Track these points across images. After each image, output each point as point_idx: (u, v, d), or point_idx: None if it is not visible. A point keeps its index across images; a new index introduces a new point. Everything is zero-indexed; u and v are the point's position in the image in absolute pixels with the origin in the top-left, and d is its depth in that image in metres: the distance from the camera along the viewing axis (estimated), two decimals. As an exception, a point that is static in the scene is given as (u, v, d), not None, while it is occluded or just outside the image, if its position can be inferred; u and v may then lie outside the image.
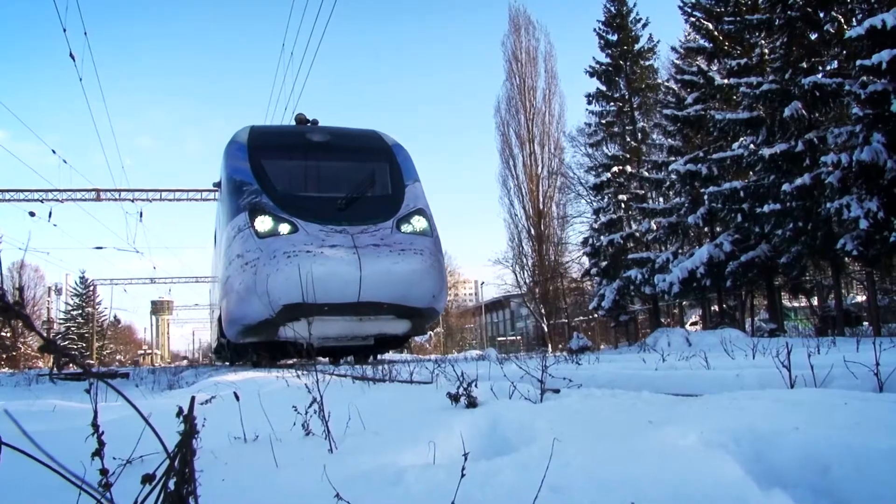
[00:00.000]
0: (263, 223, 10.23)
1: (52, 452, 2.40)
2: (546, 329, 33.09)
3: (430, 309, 10.87)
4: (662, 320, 25.15)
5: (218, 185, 14.44)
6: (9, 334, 45.40)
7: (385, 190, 11.75)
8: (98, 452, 0.96)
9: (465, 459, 1.41)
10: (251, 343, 12.24)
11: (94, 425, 0.99)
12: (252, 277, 9.82)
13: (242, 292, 10.13)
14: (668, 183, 21.74)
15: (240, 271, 10.21)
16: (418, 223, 11.10)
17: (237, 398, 2.70)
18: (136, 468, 1.79)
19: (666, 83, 23.65)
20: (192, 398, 1.04)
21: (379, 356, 15.07)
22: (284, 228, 10.13)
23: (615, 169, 23.95)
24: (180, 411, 1.00)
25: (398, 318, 10.66)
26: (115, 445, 1.78)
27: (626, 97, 25.47)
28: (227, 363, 26.24)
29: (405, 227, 10.84)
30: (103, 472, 0.95)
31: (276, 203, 10.53)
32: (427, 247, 10.60)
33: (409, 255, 10.21)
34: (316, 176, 11.71)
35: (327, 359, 15.72)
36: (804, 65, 15.28)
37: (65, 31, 13.17)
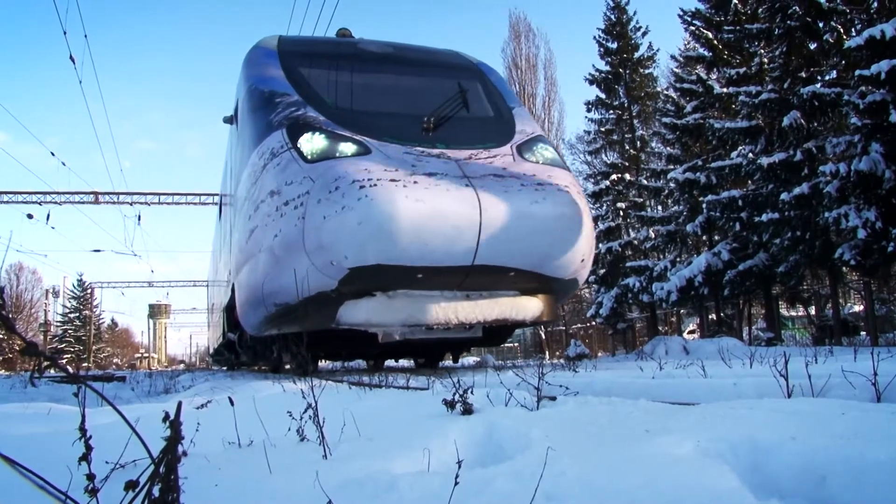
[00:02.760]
0: (313, 141, 6.77)
1: (44, 455, 2.38)
2: (543, 336, 33.08)
3: (573, 282, 7.36)
4: (660, 328, 25.14)
5: (230, 118, 10.93)
6: (4, 336, 45.30)
7: (485, 111, 8.40)
8: (85, 457, 0.95)
9: (459, 467, 1.40)
10: (283, 336, 8.45)
11: (82, 429, 0.98)
12: (297, 225, 6.20)
13: (280, 251, 6.54)
14: (666, 191, 21.77)
15: (274, 219, 6.56)
16: (547, 152, 7.71)
17: (232, 403, 2.68)
18: (129, 472, 1.77)
19: (665, 91, 23.68)
20: (179, 403, 1.03)
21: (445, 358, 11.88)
22: (348, 148, 6.64)
23: (614, 177, 23.96)
24: (167, 416, 0.98)
25: (524, 296, 7.08)
26: (109, 449, 1.77)
27: (626, 105, 25.50)
28: (225, 367, 26.03)
29: (532, 156, 7.38)
30: (90, 477, 0.94)
31: (328, 117, 7.14)
32: (572, 183, 7.01)
33: (552, 192, 6.55)
34: (380, 92, 8.18)
35: (393, 361, 13.01)
36: (803, 74, 15.33)
37: (65, 33, 13.18)
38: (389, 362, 13.93)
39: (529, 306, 7.15)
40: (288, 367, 11.38)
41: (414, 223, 5.88)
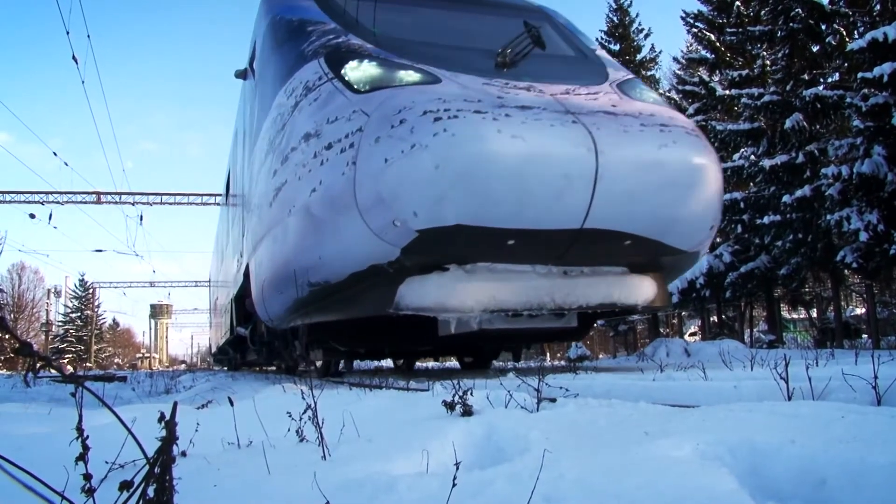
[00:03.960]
0: (363, 69, 5.37)
1: (44, 455, 2.38)
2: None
3: (694, 256, 5.81)
4: (661, 330, 25.11)
5: (243, 72, 9.51)
6: (7, 336, 45.36)
7: (565, 50, 7.05)
8: (82, 457, 0.95)
9: (457, 469, 1.40)
10: (312, 328, 7.14)
11: (79, 429, 0.98)
12: (345, 173, 4.70)
13: (319, 210, 5.04)
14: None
15: (311, 169, 5.11)
16: (654, 94, 6.48)
17: (231, 403, 2.68)
18: (128, 472, 1.77)
19: (667, 93, 23.70)
20: (175, 404, 1.03)
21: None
22: (409, 76, 5.24)
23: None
24: (162, 417, 0.98)
25: (634, 274, 5.52)
26: (109, 448, 1.77)
27: (628, 107, 25.47)
28: (226, 368, 26.00)
29: (639, 96, 5.94)
30: (86, 477, 0.94)
31: (378, 45, 5.77)
32: (695, 128, 5.41)
33: (680, 135, 5.03)
34: (437, 24, 6.69)
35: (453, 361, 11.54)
36: (806, 76, 15.33)
37: (68, 34, 13.19)
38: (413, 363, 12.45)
39: (641, 288, 5.50)
40: (311, 367, 9.86)
41: (510, 167, 4.34)
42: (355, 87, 5.16)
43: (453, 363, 17.14)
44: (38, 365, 0.85)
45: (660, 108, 5.62)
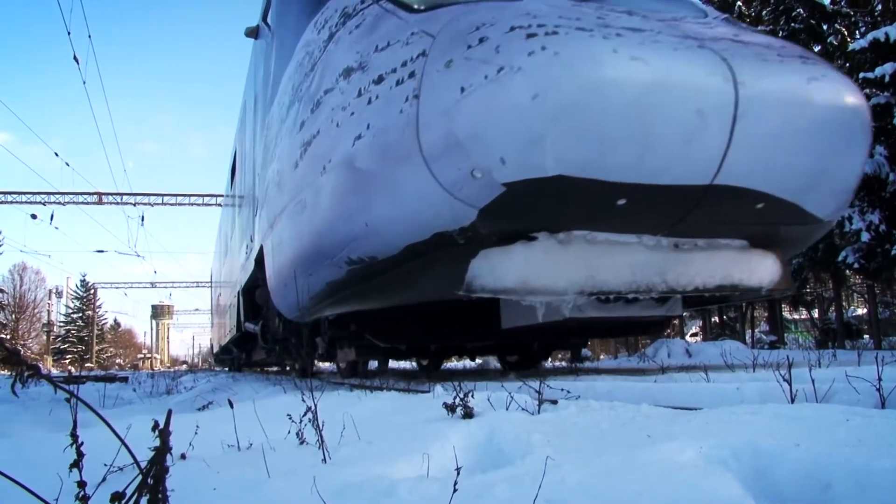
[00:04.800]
0: None
1: (42, 459, 2.37)
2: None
3: (827, 227, 4.78)
4: (662, 331, 25.06)
5: (254, 30, 8.72)
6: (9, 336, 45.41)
7: None
8: (76, 464, 0.93)
9: (458, 473, 1.38)
10: (340, 321, 6.41)
11: (73, 435, 0.96)
12: (404, 111, 3.75)
13: (367, 162, 4.05)
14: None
15: (354, 111, 4.18)
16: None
17: (231, 405, 2.67)
18: (128, 475, 1.76)
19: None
20: (169, 412, 1.02)
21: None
22: None
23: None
24: (155, 426, 0.97)
25: (756, 249, 4.43)
26: (110, 449, 1.76)
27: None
28: (227, 369, 25.94)
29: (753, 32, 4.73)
30: (80, 484, 0.92)
31: None
32: (832, 69, 4.13)
33: (824, 69, 3.92)
34: None
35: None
36: (807, 77, 15.31)
37: (69, 34, 13.21)
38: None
39: (765, 267, 4.38)
40: (334, 367, 9.02)
41: (631, 99, 3.28)
42: (412, 6, 4.13)
43: (462, 363, 16.85)
44: (27, 374, 0.84)
45: (779, 41, 4.38)
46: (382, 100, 3.87)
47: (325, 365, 15.32)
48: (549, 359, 9.38)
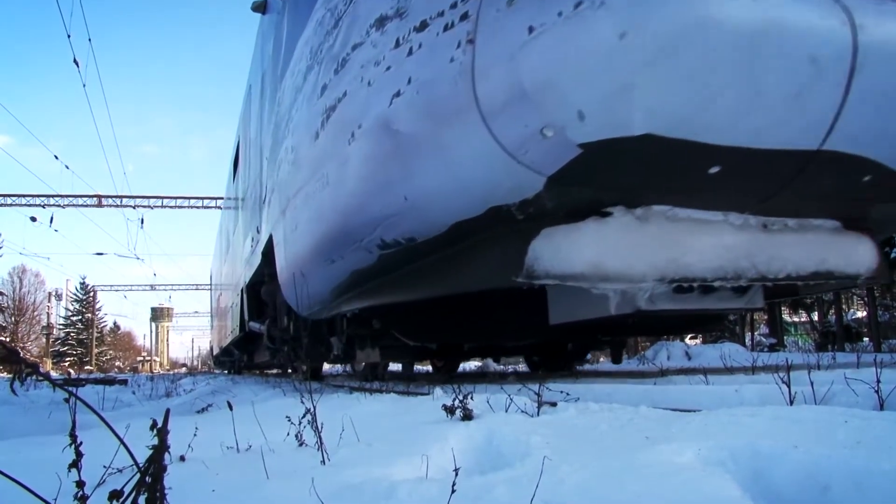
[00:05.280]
0: None
1: (42, 460, 2.37)
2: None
3: None
4: (662, 333, 25.08)
5: (263, 5, 8.37)
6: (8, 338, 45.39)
7: None
8: (74, 464, 0.94)
9: (457, 474, 1.39)
10: (366, 315, 5.70)
11: (72, 435, 0.97)
12: (456, 60, 2.98)
13: (408, 122, 3.32)
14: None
15: (392, 65, 3.47)
16: None
17: (230, 407, 2.67)
18: (127, 475, 1.76)
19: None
20: (167, 411, 1.02)
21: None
22: None
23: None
24: (154, 425, 0.97)
25: (851, 232, 3.80)
26: (109, 449, 1.76)
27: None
28: (227, 371, 25.87)
29: None
30: (79, 484, 0.93)
31: None
32: None
33: None
34: None
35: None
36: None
37: (69, 37, 13.23)
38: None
39: (860, 252, 3.81)
40: (357, 370, 8.00)
41: (734, 43, 2.69)
42: None
43: (474, 364, 16.81)
44: (25, 373, 0.84)
45: None
46: (427, 49, 3.24)
47: (337, 367, 14.46)
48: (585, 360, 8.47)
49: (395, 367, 13.95)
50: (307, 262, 5.05)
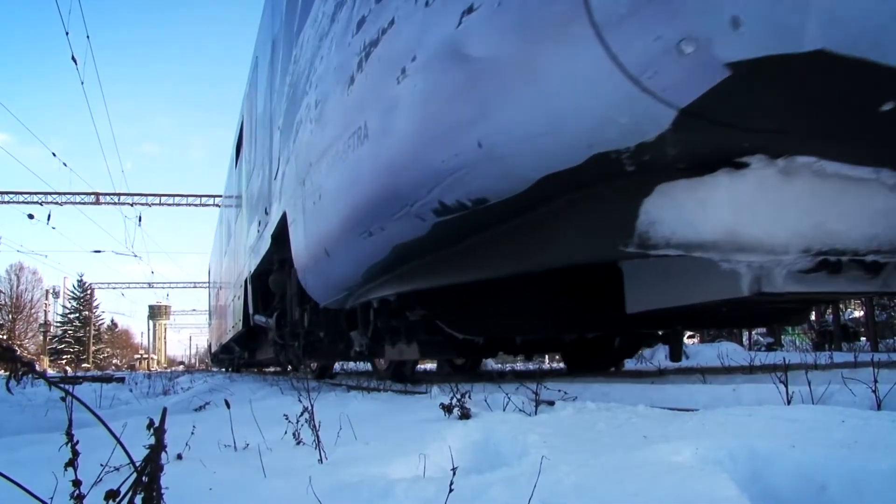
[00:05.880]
0: None
1: (39, 458, 2.36)
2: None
3: None
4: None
5: None
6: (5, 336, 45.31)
7: None
8: (71, 463, 0.93)
9: (454, 474, 1.39)
10: (401, 303, 4.85)
11: (68, 434, 0.96)
12: None
13: (486, 41, 2.51)
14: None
15: None
16: None
17: (228, 406, 2.67)
18: (125, 473, 1.76)
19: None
20: (164, 410, 1.02)
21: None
22: None
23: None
24: (150, 424, 0.96)
25: None
26: (107, 450, 1.75)
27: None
28: (224, 370, 25.82)
29: None
30: (75, 483, 0.92)
31: None
32: None
33: None
34: None
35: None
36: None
37: (67, 34, 13.19)
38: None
39: None
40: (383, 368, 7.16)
41: None
42: None
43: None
44: (21, 371, 0.84)
45: None
46: None
47: (348, 365, 13.57)
48: (633, 356, 7.75)
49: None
50: (334, 237, 4.29)
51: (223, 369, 26.19)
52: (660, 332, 6.20)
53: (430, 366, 13.29)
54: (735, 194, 2.45)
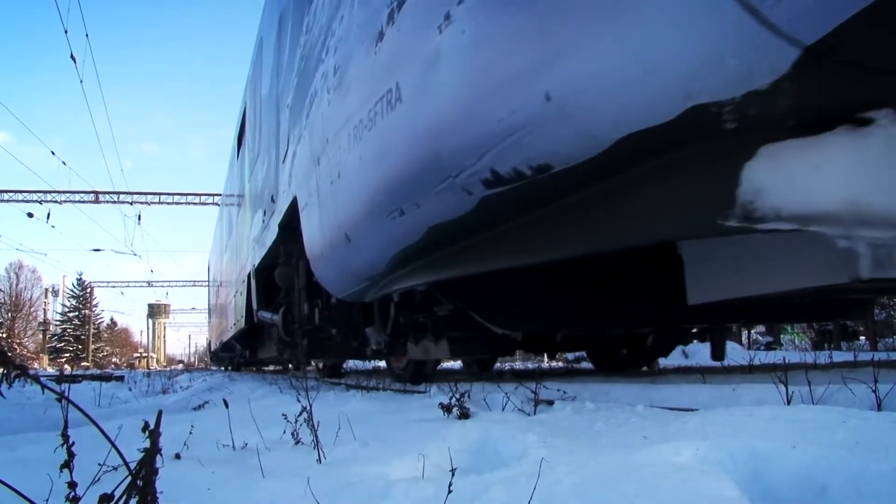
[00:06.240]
0: None
1: (38, 456, 2.35)
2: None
3: None
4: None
5: None
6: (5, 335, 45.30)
7: None
8: (67, 464, 0.93)
9: (454, 474, 1.38)
10: (428, 294, 4.43)
11: (64, 436, 0.96)
12: None
13: None
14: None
15: None
16: None
17: (226, 405, 2.66)
18: (122, 473, 1.75)
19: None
20: (159, 413, 1.01)
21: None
22: None
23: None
24: (146, 426, 0.96)
25: None
26: (104, 453, 1.75)
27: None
28: (224, 368, 25.83)
29: None
30: (71, 485, 0.92)
31: None
32: None
33: None
34: None
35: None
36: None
37: (66, 32, 13.17)
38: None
39: None
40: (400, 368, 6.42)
41: None
42: None
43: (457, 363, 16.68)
44: (14, 374, 0.83)
45: None
46: None
47: (357, 364, 12.74)
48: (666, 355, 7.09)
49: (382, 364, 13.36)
50: (355, 220, 3.82)
51: (222, 368, 26.18)
52: (695, 329, 5.72)
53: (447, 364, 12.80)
54: (857, 156, 2.04)
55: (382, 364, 12.23)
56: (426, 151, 2.86)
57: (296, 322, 6.79)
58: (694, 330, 5.73)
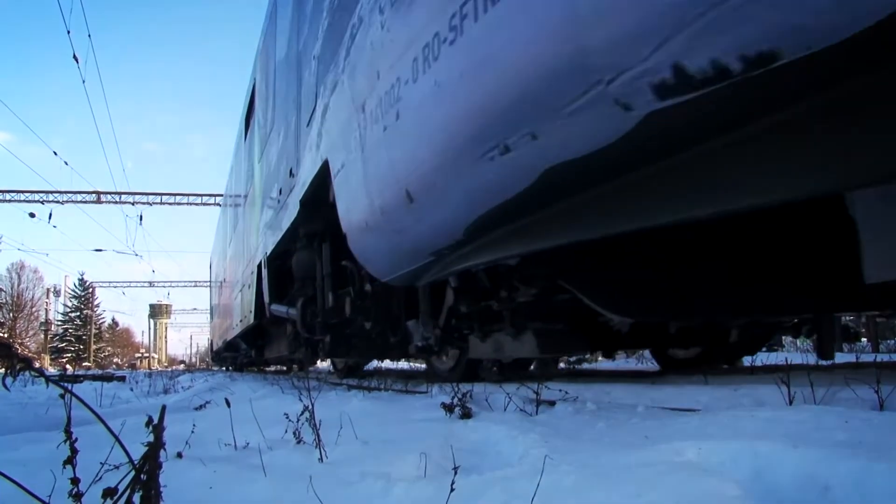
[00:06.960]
0: None
1: (39, 455, 2.35)
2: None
3: None
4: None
5: None
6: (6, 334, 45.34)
7: None
8: (70, 461, 0.93)
9: (455, 473, 1.38)
10: (473, 286, 3.93)
11: (67, 432, 0.96)
12: None
13: None
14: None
15: None
16: None
17: (228, 405, 2.66)
18: (124, 471, 1.75)
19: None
20: (163, 408, 1.01)
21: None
22: None
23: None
24: (149, 421, 0.96)
25: None
26: (106, 451, 1.75)
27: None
28: (225, 368, 25.79)
29: None
30: (74, 481, 0.92)
31: None
32: None
33: None
34: None
35: None
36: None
37: (69, 33, 13.19)
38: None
39: None
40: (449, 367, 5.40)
41: None
42: None
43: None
44: (18, 367, 0.83)
45: None
46: None
47: (368, 363, 10.37)
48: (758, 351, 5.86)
49: (389, 365, 13.08)
50: (424, 169, 2.81)
51: (224, 368, 26.16)
52: (795, 321, 4.59)
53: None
54: None
55: (384, 364, 11.64)
56: (560, 48, 1.88)
57: (318, 315, 5.83)
58: (795, 321, 4.59)
